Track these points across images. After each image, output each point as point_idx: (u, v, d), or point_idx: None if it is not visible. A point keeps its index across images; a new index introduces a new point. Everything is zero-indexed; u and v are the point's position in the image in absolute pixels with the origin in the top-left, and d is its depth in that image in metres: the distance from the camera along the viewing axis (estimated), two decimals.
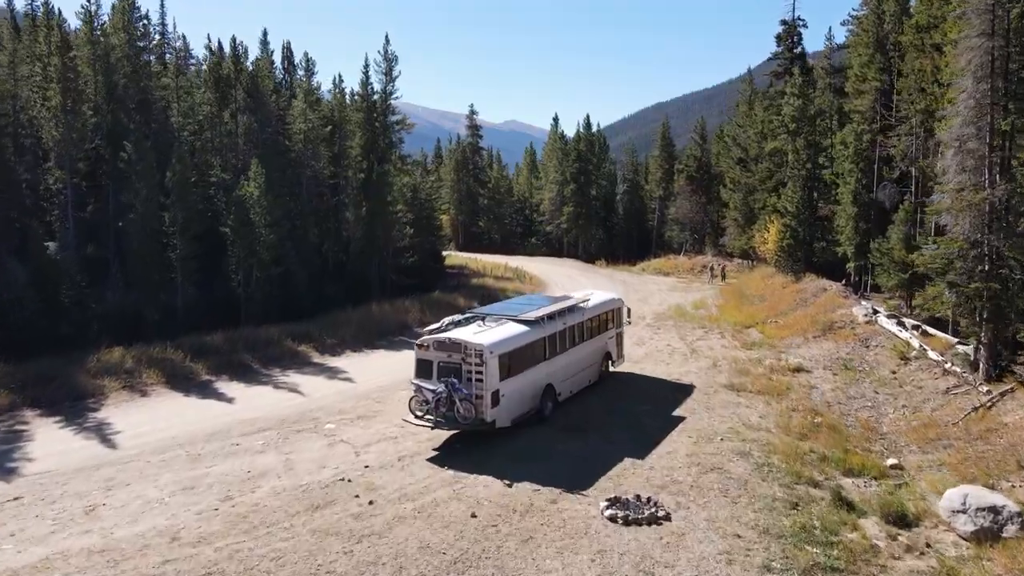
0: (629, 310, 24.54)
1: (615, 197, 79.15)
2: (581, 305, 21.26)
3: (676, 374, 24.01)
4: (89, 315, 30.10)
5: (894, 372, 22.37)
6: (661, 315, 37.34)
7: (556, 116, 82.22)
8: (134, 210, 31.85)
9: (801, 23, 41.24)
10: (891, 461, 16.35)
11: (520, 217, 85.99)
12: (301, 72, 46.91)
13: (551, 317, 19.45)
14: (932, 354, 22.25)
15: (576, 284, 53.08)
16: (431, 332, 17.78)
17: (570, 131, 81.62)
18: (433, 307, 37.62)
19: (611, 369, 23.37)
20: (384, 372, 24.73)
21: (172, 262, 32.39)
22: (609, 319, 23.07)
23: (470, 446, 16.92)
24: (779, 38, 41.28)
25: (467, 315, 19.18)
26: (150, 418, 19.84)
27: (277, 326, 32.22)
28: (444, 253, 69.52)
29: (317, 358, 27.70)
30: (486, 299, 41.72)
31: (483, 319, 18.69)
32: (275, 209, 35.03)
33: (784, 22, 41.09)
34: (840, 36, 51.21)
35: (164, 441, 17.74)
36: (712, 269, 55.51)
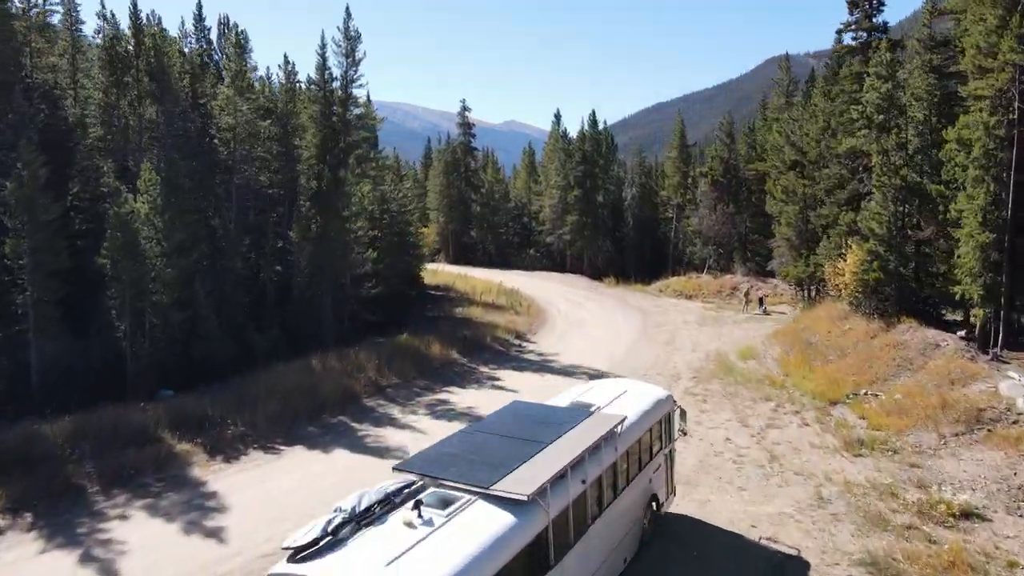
0: (684, 412, 15.04)
1: (624, 203, 69.61)
2: (615, 429, 11.72)
3: (763, 521, 14.52)
4: None
5: None
6: (701, 371, 27.90)
7: (558, 112, 72.77)
8: None
9: None
10: None
11: (517, 225, 76.46)
12: (249, 52, 37.59)
13: (563, 476, 9.97)
14: None
15: (582, 311, 43.62)
16: (296, 554, 8.12)
17: (572, 130, 72.35)
18: (396, 360, 28.11)
19: (656, 511, 13.91)
20: (290, 503, 15.32)
21: (20, 308, 23.08)
22: (655, 438, 13.60)
23: None
24: (853, 3, 31.72)
25: (391, 486, 9.46)
26: None
27: (171, 400, 22.96)
28: (432, 267, 60.37)
29: (199, 468, 18.15)
30: (468, 345, 32.22)
31: (419, 499, 9.02)
32: (176, 231, 25.59)
33: None
34: None
35: None
36: (747, 295, 46.04)
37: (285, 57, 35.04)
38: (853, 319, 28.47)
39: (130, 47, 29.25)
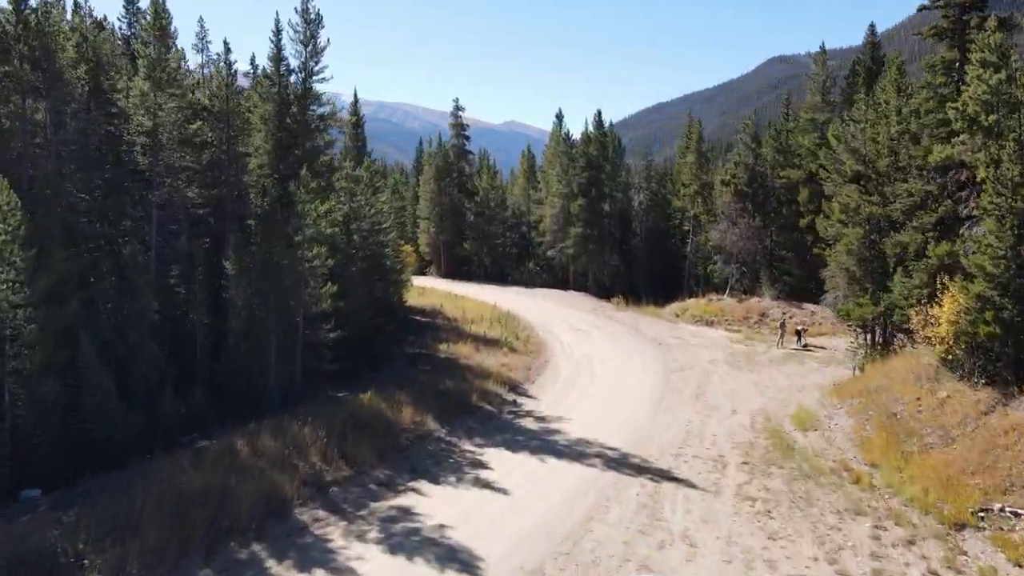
0: None
1: (632, 212, 62.91)
2: None
3: None
4: None
5: None
6: (752, 451, 21.19)
7: (560, 113, 66.40)
8: None
9: None
10: None
11: (515, 236, 69.74)
12: (192, 44, 30.89)
13: None
14: None
15: (589, 343, 36.27)
16: None
17: (574, 131, 65.81)
18: (352, 434, 21.18)
19: None
20: None
21: None
22: None
23: None
24: None
25: None
26: None
27: (19, 519, 16.34)
28: (420, 283, 54.14)
29: None
30: (449, 406, 25.37)
31: None
32: (43, 270, 18.92)
33: None
34: None
35: None
36: (782, 326, 39.31)
37: (226, 44, 28.35)
38: (948, 382, 21.76)
39: (8, 28, 22.52)
